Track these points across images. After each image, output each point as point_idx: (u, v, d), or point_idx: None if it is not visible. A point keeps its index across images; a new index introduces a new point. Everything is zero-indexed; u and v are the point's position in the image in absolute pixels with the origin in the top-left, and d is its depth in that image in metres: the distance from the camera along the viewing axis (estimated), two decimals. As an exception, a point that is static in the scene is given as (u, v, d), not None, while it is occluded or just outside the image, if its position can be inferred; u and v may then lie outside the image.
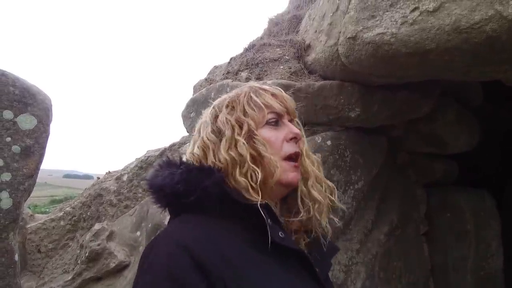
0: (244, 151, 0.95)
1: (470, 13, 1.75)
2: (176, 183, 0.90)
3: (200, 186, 0.88)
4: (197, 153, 1.01)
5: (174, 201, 0.92)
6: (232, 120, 1.00)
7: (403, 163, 3.56)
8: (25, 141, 1.97)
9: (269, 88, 1.08)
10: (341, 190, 2.65)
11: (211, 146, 0.99)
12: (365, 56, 2.15)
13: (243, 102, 1.02)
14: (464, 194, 3.81)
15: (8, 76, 1.97)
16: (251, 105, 1.02)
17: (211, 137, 1.00)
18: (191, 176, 0.91)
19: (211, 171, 0.93)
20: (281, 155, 0.99)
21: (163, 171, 0.96)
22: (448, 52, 1.91)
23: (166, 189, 0.91)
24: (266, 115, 1.01)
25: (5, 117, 1.93)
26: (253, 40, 3.42)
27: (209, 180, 0.89)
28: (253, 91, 1.05)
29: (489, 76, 2.28)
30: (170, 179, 0.91)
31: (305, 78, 2.75)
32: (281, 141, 1.01)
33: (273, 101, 1.03)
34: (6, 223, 1.90)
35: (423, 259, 3.59)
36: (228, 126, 0.99)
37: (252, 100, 1.03)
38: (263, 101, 1.02)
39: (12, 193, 1.92)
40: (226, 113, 1.02)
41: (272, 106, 1.02)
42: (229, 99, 1.06)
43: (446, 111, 3.30)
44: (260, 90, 1.06)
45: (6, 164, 1.91)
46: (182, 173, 0.92)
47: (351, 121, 2.70)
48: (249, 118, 1.00)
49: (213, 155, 0.98)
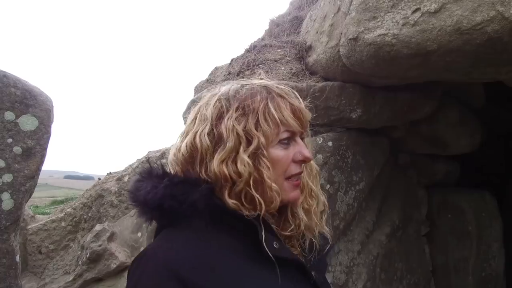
0: (245, 171, 0.84)
1: (471, 14, 1.75)
2: (160, 198, 0.82)
3: (187, 201, 0.81)
4: (184, 153, 0.89)
5: (160, 216, 0.86)
6: (240, 130, 0.86)
7: (404, 164, 3.56)
8: (26, 142, 1.97)
9: (287, 95, 0.93)
10: (343, 191, 2.65)
11: (202, 151, 0.87)
12: (367, 57, 2.14)
13: (259, 111, 0.88)
14: (466, 195, 3.80)
15: (10, 77, 1.97)
16: (267, 119, 0.88)
17: (205, 141, 0.87)
18: (176, 190, 0.83)
19: (197, 183, 0.84)
20: (285, 176, 0.91)
21: (145, 183, 0.87)
22: (449, 53, 1.91)
23: (150, 204, 0.84)
24: (281, 133, 0.89)
25: (7, 118, 1.93)
26: (254, 41, 3.42)
27: (196, 193, 0.81)
28: (271, 98, 0.90)
29: (491, 77, 2.28)
30: (154, 193, 0.83)
31: (306, 79, 2.75)
32: (289, 163, 0.91)
33: (292, 118, 0.90)
34: (7, 224, 1.90)
35: (424, 260, 3.58)
36: (233, 136, 0.85)
37: (269, 112, 0.88)
38: (281, 117, 0.88)
39: (13, 194, 1.92)
40: (235, 118, 0.87)
41: (289, 124, 0.90)
42: (240, 99, 0.90)
43: (447, 112, 3.30)
44: (278, 98, 0.91)
45: (7, 165, 1.91)
46: (166, 187, 0.84)
47: (353, 122, 2.69)
48: (261, 134, 0.86)
49: (201, 163, 0.87)
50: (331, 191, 2.57)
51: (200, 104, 0.95)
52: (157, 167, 0.93)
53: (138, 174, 0.92)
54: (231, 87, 0.94)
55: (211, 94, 0.95)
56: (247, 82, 0.95)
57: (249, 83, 0.94)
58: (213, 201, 0.83)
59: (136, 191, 0.88)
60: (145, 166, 0.95)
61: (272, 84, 0.95)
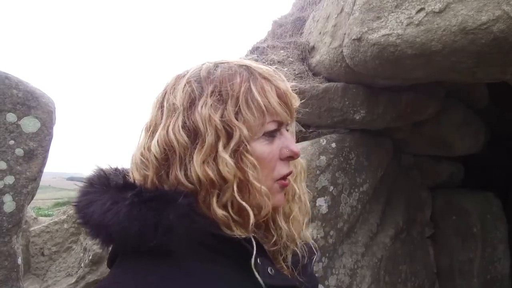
0: (228, 173, 0.68)
1: (477, 14, 1.73)
2: (124, 220, 0.63)
3: (161, 224, 0.63)
4: (157, 154, 0.70)
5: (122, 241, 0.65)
6: (217, 120, 0.69)
7: (408, 165, 3.54)
8: (28, 144, 1.96)
9: (272, 77, 0.76)
10: (346, 192, 2.63)
11: (180, 150, 0.69)
12: (370, 57, 2.13)
13: (240, 96, 0.71)
14: (470, 196, 3.78)
15: (12, 79, 1.96)
16: (250, 105, 0.71)
17: (181, 137, 0.69)
18: (146, 209, 0.64)
19: (174, 197, 0.66)
20: (273, 177, 0.75)
21: (100, 196, 0.68)
22: (454, 53, 1.89)
23: (109, 227, 0.63)
24: (267, 124, 0.73)
25: (8, 120, 1.93)
26: (257, 42, 3.41)
27: (173, 213, 0.64)
28: (254, 80, 0.74)
29: (496, 78, 2.26)
30: (114, 213, 0.63)
31: (310, 80, 2.74)
32: (276, 159, 0.75)
33: (279, 105, 0.74)
34: (9, 226, 1.89)
35: (428, 263, 3.56)
36: (211, 128, 0.69)
37: (252, 97, 0.72)
38: (266, 103, 0.72)
39: (15, 196, 1.91)
40: (210, 104, 0.70)
41: (277, 113, 0.74)
42: (215, 81, 0.72)
43: (451, 113, 3.28)
44: (262, 80, 0.74)
45: (9, 167, 1.90)
46: (132, 204, 0.64)
47: (356, 124, 2.68)
48: (243, 125, 0.70)
49: (180, 165, 0.69)
50: (335, 193, 2.55)
51: (165, 89, 0.76)
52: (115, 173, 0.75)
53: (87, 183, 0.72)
54: (202, 66, 0.76)
55: (178, 76, 0.77)
56: (222, 60, 0.78)
57: (225, 61, 0.77)
58: (196, 221, 0.66)
59: (86, 207, 0.68)
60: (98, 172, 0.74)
61: (253, 63, 0.78)
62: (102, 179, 0.72)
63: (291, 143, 0.77)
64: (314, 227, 2.44)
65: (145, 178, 0.72)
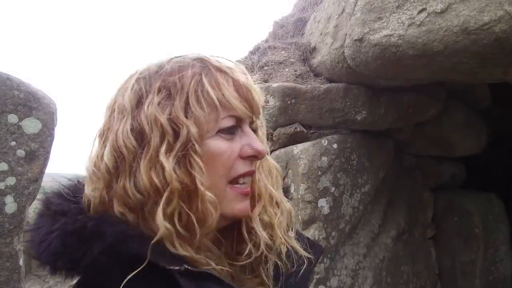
0: (173, 179, 0.61)
1: (478, 14, 1.73)
2: (53, 254, 0.60)
3: (84, 260, 0.58)
4: (108, 162, 0.64)
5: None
6: (163, 119, 0.63)
7: (409, 166, 3.53)
8: (29, 145, 1.96)
9: (230, 69, 0.69)
10: (348, 193, 2.63)
11: (129, 158, 0.63)
12: (372, 58, 2.12)
13: (189, 90, 0.64)
14: (472, 197, 3.76)
15: (13, 80, 1.97)
16: (200, 100, 0.64)
17: (129, 142, 0.63)
18: (68, 243, 0.59)
19: (101, 225, 0.60)
20: (228, 178, 0.68)
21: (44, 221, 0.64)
22: (456, 53, 1.89)
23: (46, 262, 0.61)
24: (221, 120, 0.66)
25: (10, 121, 1.93)
26: (258, 43, 3.41)
27: (97, 246, 0.58)
28: (206, 72, 0.66)
29: (498, 78, 2.25)
30: (46, 246, 0.60)
31: (311, 81, 2.74)
32: (234, 159, 0.67)
33: (236, 98, 0.67)
34: (10, 227, 1.89)
35: (430, 264, 3.54)
36: (156, 129, 0.63)
37: (203, 90, 0.65)
38: (220, 96, 0.65)
39: (17, 197, 1.91)
40: (156, 103, 0.64)
41: (233, 108, 0.67)
42: (163, 76, 0.66)
43: (453, 113, 3.27)
44: (217, 73, 0.67)
45: (10, 168, 1.90)
46: (59, 238, 0.60)
47: (358, 124, 2.67)
48: (192, 122, 0.63)
49: (130, 174, 0.63)
50: (337, 193, 2.55)
51: (116, 91, 0.70)
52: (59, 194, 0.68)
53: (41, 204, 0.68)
54: (153, 61, 0.70)
55: (129, 75, 0.70)
56: (178, 55, 0.71)
57: (180, 55, 0.70)
58: (123, 254, 0.58)
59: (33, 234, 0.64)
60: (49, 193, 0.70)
61: (211, 56, 0.71)
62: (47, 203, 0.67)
63: (255, 141, 0.69)
64: (316, 228, 2.43)
65: (95, 191, 0.65)
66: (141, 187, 0.62)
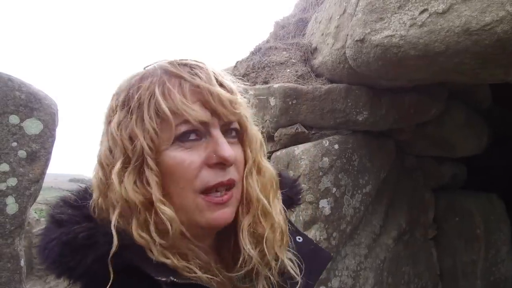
0: (132, 194, 0.62)
1: (480, 15, 1.72)
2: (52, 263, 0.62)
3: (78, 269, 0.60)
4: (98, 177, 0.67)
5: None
6: (122, 135, 0.64)
7: (411, 166, 3.52)
8: (31, 146, 1.96)
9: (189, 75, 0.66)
10: (349, 194, 2.62)
11: (106, 170, 0.66)
12: (373, 58, 2.12)
13: (144, 103, 0.64)
14: (473, 198, 3.76)
15: (14, 81, 1.97)
16: (151, 112, 0.64)
17: (105, 157, 0.66)
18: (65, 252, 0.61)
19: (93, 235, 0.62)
20: (195, 188, 0.65)
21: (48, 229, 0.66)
22: (457, 54, 1.88)
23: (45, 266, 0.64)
24: (174, 128, 0.64)
25: (11, 121, 1.93)
26: (259, 43, 3.41)
27: (92, 256, 0.60)
28: (161, 82, 0.65)
29: (499, 79, 2.25)
30: (47, 254, 0.62)
31: (312, 81, 2.73)
32: (197, 167, 0.65)
33: (186, 104, 0.64)
34: (12, 228, 1.89)
35: (431, 264, 3.54)
36: (115, 146, 0.64)
37: (156, 101, 0.64)
38: (171, 105, 0.63)
39: (18, 198, 1.91)
40: (118, 120, 0.65)
41: (183, 114, 0.64)
42: (126, 90, 0.67)
43: (454, 114, 3.26)
44: (174, 80, 0.66)
45: (12, 169, 1.90)
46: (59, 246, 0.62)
47: (359, 125, 2.67)
48: (143, 135, 0.63)
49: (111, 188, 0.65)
50: (338, 194, 2.54)
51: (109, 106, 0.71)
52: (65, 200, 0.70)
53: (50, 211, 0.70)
54: (130, 73, 0.70)
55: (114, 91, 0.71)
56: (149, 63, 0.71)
57: (153, 63, 0.70)
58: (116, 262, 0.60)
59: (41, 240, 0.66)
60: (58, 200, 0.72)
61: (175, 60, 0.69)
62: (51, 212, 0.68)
63: (220, 146, 0.65)
64: (317, 229, 2.43)
65: (98, 198, 0.68)
66: (117, 199, 0.64)
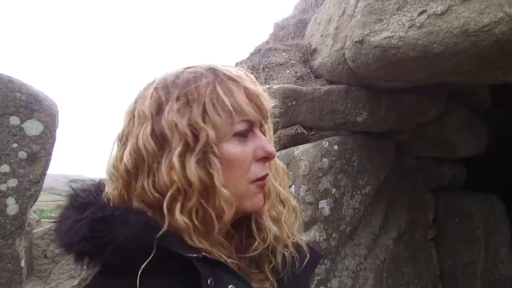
0: (194, 176, 0.67)
1: (478, 16, 1.73)
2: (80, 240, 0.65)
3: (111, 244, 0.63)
4: (128, 164, 0.70)
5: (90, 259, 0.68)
6: (183, 124, 0.69)
7: (410, 167, 3.53)
8: (31, 147, 1.97)
9: (240, 78, 0.75)
10: (349, 195, 2.63)
11: (148, 159, 0.69)
12: (372, 60, 2.13)
13: (205, 98, 0.71)
14: (473, 198, 3.76)
15: (15, 82, 1.97)
16: (217, 107, 0.71)
17: (149, 144, 0.69)
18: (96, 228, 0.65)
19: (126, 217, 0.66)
20: (248, 178, 0.74)
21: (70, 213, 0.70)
22: (456, 55, 1.89)
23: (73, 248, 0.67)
24: (236, 124, 0.72)
25: (12, 123, 1.93)
26: (259, 44, 3.41)
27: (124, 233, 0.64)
28: (219, 81, 0.73)
29: (498, 80, 2.25)
30: (74, 233, 0.66)
31: (312, 82, 2.74)
32: (249, 161, 0.74)
33: (247, 104, 0.73)
34: (12, 229, 1.90)
35: (431, 265, 3.54)
36: (176, 134, 0.69)
37: (218, 97, 0.71)
38: (233, 103, 0.71)
39: (18, 199, 1.92)
40: (176, 110, 0.70)
41: (245, 112, 0.73)
42: (181, 85, 0.72)
43: (454, 115, 3.27)
44: (229, 81, 0.74)
45: (12, 170, 1.91)
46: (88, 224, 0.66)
47: (358, 126, 2.68)
48: (210, 126, 0.69)
49: (148, 174, 0.69)
50: (337, 195, 2.55)
51: (136, 98, 0.77)
52: (85, 189, 0.75)
53: (67, 199, 0.75)
54: (169, 72, 0.77)
55: (147, 84, 0.77)
56: (190, 65, 0.78)
57: (192, 66, 0.77)
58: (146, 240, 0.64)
59: (59, 223, 0.71)
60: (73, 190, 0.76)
61: (221, 65, 0.77)
62: (71, 196, 0.74)
63: (266, 143, 0.76)
64: (317, 230, 2.43)
65: (115, 190, 0.72)
66: (160, 186, 0.68)
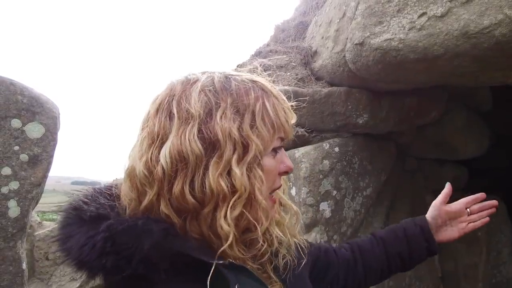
0: (241, 186, 0.68)
1: (479, 18, 1.73)
2: (100, 255, 0.62)
3: (136, 255, 0.62)
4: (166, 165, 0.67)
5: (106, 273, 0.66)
6: (236, 133, 0.69)
7: (411, 169, 3.52)
8: (33, 149, 1.98)
9: (280, 96, 0.79)
10: (350, 197, 2.63)
11: (193, 161, 0.67)
12: (373, 62, 2.13)
13: (256, 111, 0.72)
14: (474, 200, 3.75)
15: (16, 85, 1.98)
16: (266, 121, 0.72)
17: (196, 147, 0.67)
18: (119, 242, 0.63)
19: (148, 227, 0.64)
20: (270, 190, 0.78)
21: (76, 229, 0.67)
22: (457, 57, 1.89)
23: (88, 264, 0.64)
24: (274, 140, 0.75)
25: (13, 125, 1.94)
26: (260, 46, 3.42)
27: (148, 243, 0.62)
28: (267, 97, 0.75)
29: (499, 81, 2.25)
30: (90, 248, 0.63)
31: (312, 84, 2.74)
32: (276, 174, 0.78)
33: (285, 123, 0.76)
34: (14, 231, 1.90)
35: (433, 267, 3.54)
36: (230, 141, 0.68)
37: (267, 113, 0.73)
38: (277, 120, 0.74)
39: (20, 201, 1.93)
40: (230, 117, 0.69)
41: (284, 130, 0.76)
42: (233, 93, 0.72)
43: (454, 116, 3.27)
44: (273, 98, 0.76)
45: (14, 172, 1.92)
46: (106, 239, 0.63)
47: (359, 128, 2.68)
48: (259, 139, 0.71)
49: (191, 178, 0.67)
50: (338, 197, 2.55)
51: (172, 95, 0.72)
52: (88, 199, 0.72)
53: (64, 214, 0.71)
54: (213, 76, 0.74)
55: (186, 83, 0.74)
56: (232, 72, 0.78)
57: (235, 74, 0.77)
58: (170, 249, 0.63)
59: (64, 241, 0.68)
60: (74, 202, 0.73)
61: (262, 80, 0.79)
62: (78, 211, 0.70)
63: (288, 159, 0.80)
64: (318, 232, 2.43)
65: (141, 195, 0.69)
66: (201, 191, 0.66)
